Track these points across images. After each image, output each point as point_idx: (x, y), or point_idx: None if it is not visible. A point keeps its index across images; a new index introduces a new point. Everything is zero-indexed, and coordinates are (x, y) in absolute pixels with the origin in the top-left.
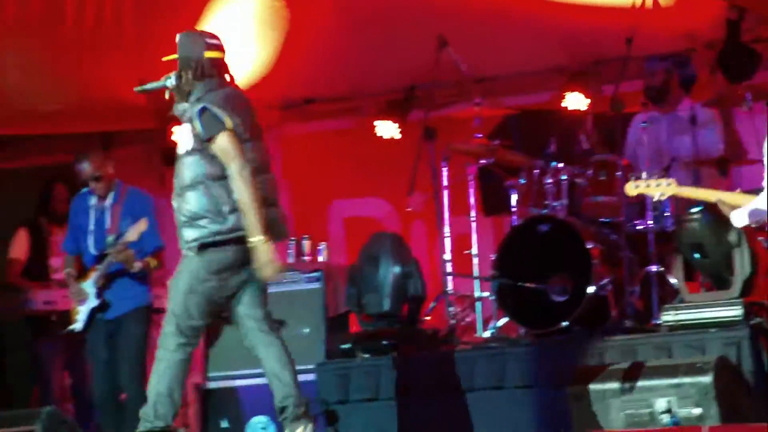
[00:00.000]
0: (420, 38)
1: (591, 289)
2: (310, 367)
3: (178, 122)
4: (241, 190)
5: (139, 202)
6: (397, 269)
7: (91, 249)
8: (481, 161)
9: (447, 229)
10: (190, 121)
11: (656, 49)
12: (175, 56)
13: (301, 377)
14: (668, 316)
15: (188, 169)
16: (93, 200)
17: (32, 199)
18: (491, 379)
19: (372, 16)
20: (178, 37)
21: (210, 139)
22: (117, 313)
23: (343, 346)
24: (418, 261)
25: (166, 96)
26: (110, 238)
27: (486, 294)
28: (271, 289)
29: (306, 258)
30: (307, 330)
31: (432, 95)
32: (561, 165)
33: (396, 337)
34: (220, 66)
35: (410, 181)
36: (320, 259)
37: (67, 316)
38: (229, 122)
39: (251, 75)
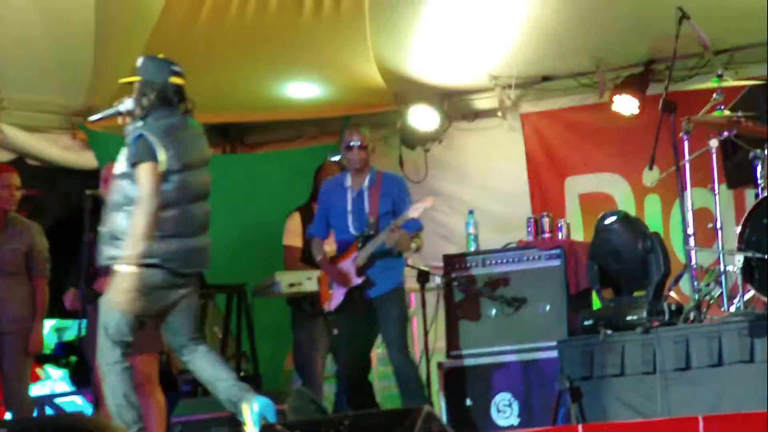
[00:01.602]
0: (659, 11)
1: None
2: (553, 344)
3: (416, 104)
4: (137, 220)
5: (395, 184)
6: (637, 245)
7: (351, 230)
8: (724, 133)
9: (689, 203)
10: (128, 144)
11: None
12: (135, 79)
13: (544, 354)
14: None
15: (118, 190)
16: (348, 182)
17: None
18: (740, 354)
19: None
20: (140, 61)
21: (134, 165)
22: (377, 293)
23: (586, 323)
24: (658, 235)
25: (119, 121)
26: (372, 220)
27: (731, 267)
28: (513, 267)
29: (546, 236)
30: (548, 307)
31: (671, 69)
32: None
33: (640, 313)
34: (180, 93)
35: (650, 156)
36: (560, 236)
37: (316, 297)
38: (161, 154)
39: (489, 55)
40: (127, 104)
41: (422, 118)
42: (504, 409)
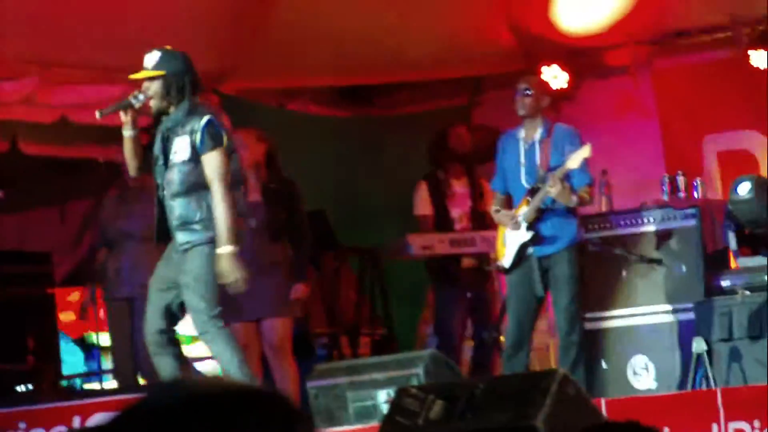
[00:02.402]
0: None
1: None
2: (689, 305)
3: (547, 63)
4: (222, 207)
5: (568, 135)
6: None
7: (523, 182)
8: None
9: None
10: (191, 132)
11: None
12: (159, 73)
13: (681, 316)
14: None
15: (183, 177)
16: (522, 133)
17: (411, 147)
18: None
19: None
20: (159, 56)
21: (207, 151)
22: (547, 251)
23: (724, 283)
24: None
25: (124, 116)
26: (542, 172)
27: None
28: (647, 227)
29: (681, 194)
30: (684, 268)
31: None
32: None
33: None
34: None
35: None
36: (696, 195)
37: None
38: (225, 139)
39: (619, 11)
40: (141, 98)
41: (553, 76)
42: (640, 372)
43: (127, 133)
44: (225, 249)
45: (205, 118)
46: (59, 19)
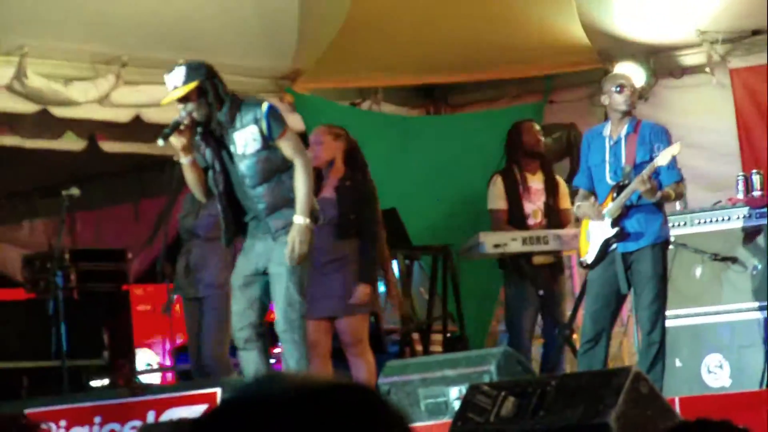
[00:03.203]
0: None
1: None
2: (763, 304)
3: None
4: (304, 181)
5: (654, 132)
6: None
7: (608, 179)
8: None
9: None
10: (255, 120)
11: None
12: (192, 85)
13: (754, 315)
14: None
15: (261, 165)
16: (607, 130)
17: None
18: None
19: None
20: (183, 68)
21: (279, 136)
22: (632, 247)
23: None
24: None
25: (174, 144)
26: (627, 168)
27: None
28: (722, 226)
29: (757, 193)
30: (759, 266)
31: None
32: None
33: None
34: None
35: None
36: None
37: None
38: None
39: (696, 10)
40: (184, 114)
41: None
42: (714, 370)
43: (184, 160)
44: (299, 219)
45: (265, 105)
46: (134, 21)
